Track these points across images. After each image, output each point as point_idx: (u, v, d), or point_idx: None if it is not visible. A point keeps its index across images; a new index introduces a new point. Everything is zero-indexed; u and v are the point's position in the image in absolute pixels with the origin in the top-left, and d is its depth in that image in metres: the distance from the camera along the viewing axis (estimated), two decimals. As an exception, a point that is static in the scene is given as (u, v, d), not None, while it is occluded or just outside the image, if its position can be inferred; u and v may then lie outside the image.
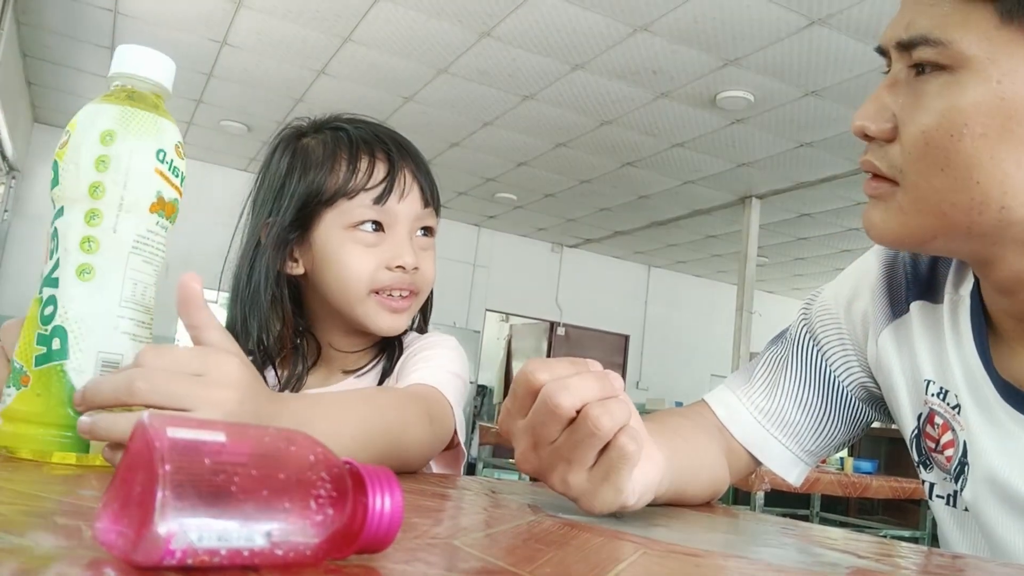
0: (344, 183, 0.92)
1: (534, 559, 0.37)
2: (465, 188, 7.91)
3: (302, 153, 0.95)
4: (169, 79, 0.57)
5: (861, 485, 4.26)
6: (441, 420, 0.83)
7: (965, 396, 0.73)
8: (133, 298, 0.53)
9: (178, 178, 0.54)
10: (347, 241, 0.92)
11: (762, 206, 7.33)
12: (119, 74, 0.56)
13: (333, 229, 0.92)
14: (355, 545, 0.30)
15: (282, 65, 5.34)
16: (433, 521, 0.46)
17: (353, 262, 0.91)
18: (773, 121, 5.48)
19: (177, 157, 0.54)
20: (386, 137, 0.96)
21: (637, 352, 10.55)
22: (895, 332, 0.81)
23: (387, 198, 0.92)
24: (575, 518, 0.55)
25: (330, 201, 0.92)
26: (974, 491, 0.72)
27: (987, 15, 0.60)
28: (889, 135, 0.66)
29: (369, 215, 0.92)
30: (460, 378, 0.93)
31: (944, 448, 0.76)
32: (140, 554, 0.26)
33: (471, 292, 9.39)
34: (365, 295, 0.92)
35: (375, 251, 0.92)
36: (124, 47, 0.57)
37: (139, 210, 0.52)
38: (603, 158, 6.65)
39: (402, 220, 0.93)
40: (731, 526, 0.66)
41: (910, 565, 0.54)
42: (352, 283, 0.91)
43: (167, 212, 0.53)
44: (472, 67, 5.07)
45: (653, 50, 4.60)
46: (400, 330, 0.96)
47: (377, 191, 0.92)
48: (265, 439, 0.30)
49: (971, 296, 0.74)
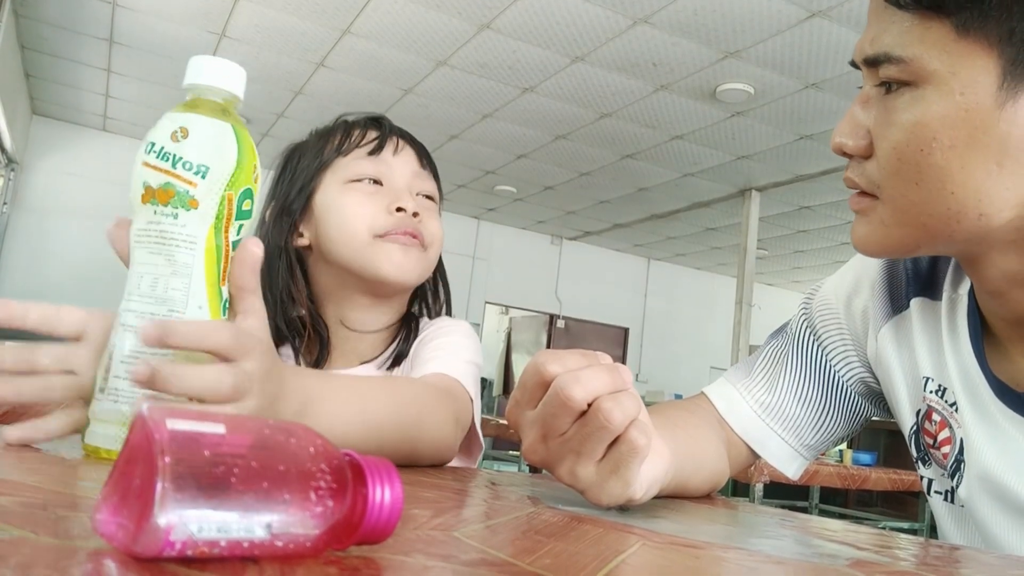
0: (339, 145, 0.96)
1: (534, 550, 0.37)
2: (464, 181, 7.89)
3: (301, 145, 1.01)
4: (220, 80, 0.56)
5: (860, 477, 4.27)
6: (464, 418, 0.83)
7: (961, 394, 0.73)
8: (139, 291, 0.53)
9: (169, 162, 0.52)
10: (346, 192, 0.94)
11: (762, 199, 7.33)
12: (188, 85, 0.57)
13: (332, 186, 0.95)
14: (355, 536, 0.30)
15: (281, 57, 5.33)
16: (433, 512, 0.46)
17: (352, 209, 0.92)
18: (773, 114, 5.47)
19: (171, 142, 0.53)
20: (381, 118, 1.01)
21: (637, 345, 10.55)
22: (895, 328, 0.81)
23: (381, 151, 0.95)
24: (574, 510, 0.55)
25: (327, 165, 0.96)
26: (969, 488, 0.72)
27: (944, 30, 0.60)
28: (866, 151, 0.67)
29: (365, 167, 0.94)
30: (476, 365, 0.93)
31: (941, 445, 0.76)
32: (140, 545, 0.26)
33: (471, 285, 9.38)
34: (369, 239, 0.92)
35: (374, 198, 0.93)
36: (193, 58, 0.57)
37: (135, 206, 0.53)
38: (603, 150, 6.64)
39: (398, 172, 0.96)
40: (730, 518, 0.66)
41: (909, 556, 0.54)
42: (352, 227, 0.92)
43: (161, 199, 0.52)
44: (471, 59, 5.06)
45: (653, 42, 4.59)
46: (410, 275, 0.94)
47: (371, 146, 0.96)
48: (265, 431, 0.30)
49: (968, 295, 0.75)
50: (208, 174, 0.52)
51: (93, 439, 0.51)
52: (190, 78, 0.56)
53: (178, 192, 0.52)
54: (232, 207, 0.54)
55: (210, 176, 0.53)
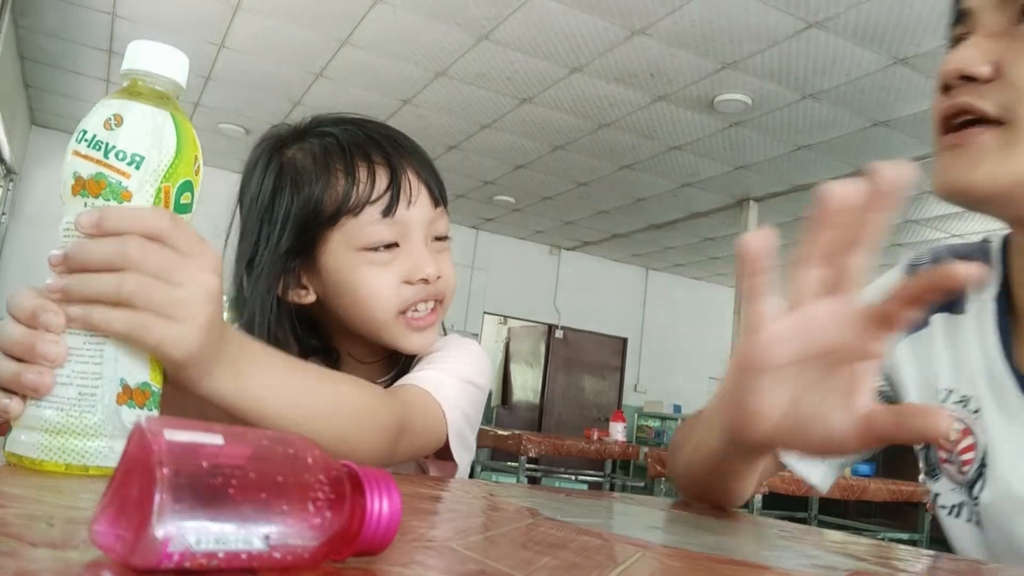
0: (345, 198, 0.82)
1: (532, 562, 0.37)
2: (463, 191, 7.91)
3: (290, 168, 0.86)
4: (160, 66, 0.53)
5: (859, 488, 4.26)
6: (420, 431, 0.76)
7: (986, 395, 0.74)
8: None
9: (101, 151, 0.48)
10: (361, 264, 0.83)
11: (760, 209, 7.34)
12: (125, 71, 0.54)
13: (344, 253, 0.83)
14: (353, 547, 0.30)
15: (280, 68, 5.34)
16: (431, 524, 0.46)
17: (373, 285, 0.83)
18: (771, 124, 5.48)
19: (104, 130, 0.49)
20: (380, 137, 0.87)
21: (635, 355, 10.55)
22: (913, 344, 0.81)
23: (396, 208, 0.83)
24: (573, 521, 0.55)
25: (332, 220, 0.83)
26: (993, 493, 0.73)
27: None
28: (992, 75, 0.66)
29: (380, 231, 0.83)
30: (472, 385, 0.85)
31: (963, 452, 0.76)
32: (138, 557, 0.25)
33: (469, 295, 9.39)
34: (391, 317, 0.84)
35: (393, 267, 0.84)
36: (132, 43, 0.54)
37: (65, 198, 0.49)
38: (601, 161, 6.65)
39: (415, 228, 0.85)
40: (729, 529, 0.66)
41: (908, 568, 0.54)
42: (376, 308, 0.84)
43: (92, 191, 0.48)
44: (470, 70, 5.07)
45: (651, 53, 4.61)
46: (430, 347, 0.88)
47: (383, 202, 0.83)
48: (263, 442, 0.30)
49: (995, 300, 0.75)
50: (143, 164, 0.49)
51: (14, 447, 0.48)
52: (128, 63, 0.52)
53: (110, 183, 0.48)
54: (169, 200, 0.50)
55: (145, 167, 0.49)
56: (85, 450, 0.47)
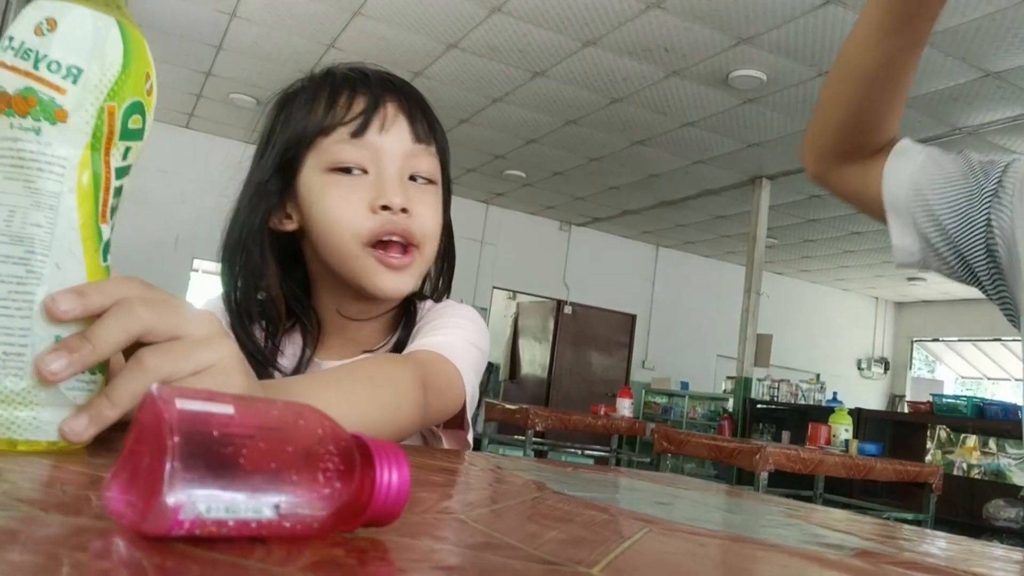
0: (321, 120, 0.84)
1: (540, 535, 0.37)
2: (474, 165, 7.88)
3: (288, 102, 0.90)
4: None
5: (865, 467, 4.27)
6: (443, 389, 0.78)
7: None
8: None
9: (30, 60, 0.40)
10: (329, 185, 0.84)
11: (772, 187, 7.29)
12: None
13: (314, 173, 0.85)
14: (362, 518, 0.30)
15: (292, 38, 5.31)
16: (440, 496, 0.46)
17: (334, 206, 0.83)
18: (785, 101, 5.43)
19: (34, 36, 0.41)
20: (373, 75, 0.89)
21: (644, 332, 10.56)
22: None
23: (365, 131, 0.84)
24: (580, 495, 0.55)
25: (310, 142, 0.85)
26: None
27: None
28: None
29: (347, 151, 0.83)
30: (476, 348, 0.87)
31: None
32: (149, 524, 0.26)
33: (478, 269, 9.39)
34: (358, 248, 0.83)
35: (359, 191, 0.83)
36: None
37: None
38: (613, 136, 6.61)
39: (387, 157, 0.84)
40: (735, 506, 0.66)
41: (913, 548, 0.54)
42: (338, 231, 0.83)
43: (19, 108, 0.40)
44: (482, 42, 5.04)
45: (666, 27, 4.56)
46: (402, 291, 0.87)
47: (355, 124, 0.84)
48: (273, 412, 0.30)
49: None
50: (81, 78, 0.41)
51: None
52: None
53: (41, 100, 0.40)
54: (115, 123, 0.43)
55: (84, 81, 0.41)
56: (11, 421, 0.39)
